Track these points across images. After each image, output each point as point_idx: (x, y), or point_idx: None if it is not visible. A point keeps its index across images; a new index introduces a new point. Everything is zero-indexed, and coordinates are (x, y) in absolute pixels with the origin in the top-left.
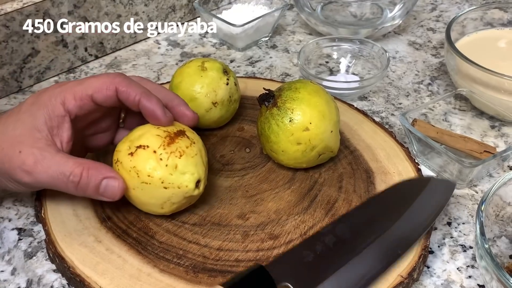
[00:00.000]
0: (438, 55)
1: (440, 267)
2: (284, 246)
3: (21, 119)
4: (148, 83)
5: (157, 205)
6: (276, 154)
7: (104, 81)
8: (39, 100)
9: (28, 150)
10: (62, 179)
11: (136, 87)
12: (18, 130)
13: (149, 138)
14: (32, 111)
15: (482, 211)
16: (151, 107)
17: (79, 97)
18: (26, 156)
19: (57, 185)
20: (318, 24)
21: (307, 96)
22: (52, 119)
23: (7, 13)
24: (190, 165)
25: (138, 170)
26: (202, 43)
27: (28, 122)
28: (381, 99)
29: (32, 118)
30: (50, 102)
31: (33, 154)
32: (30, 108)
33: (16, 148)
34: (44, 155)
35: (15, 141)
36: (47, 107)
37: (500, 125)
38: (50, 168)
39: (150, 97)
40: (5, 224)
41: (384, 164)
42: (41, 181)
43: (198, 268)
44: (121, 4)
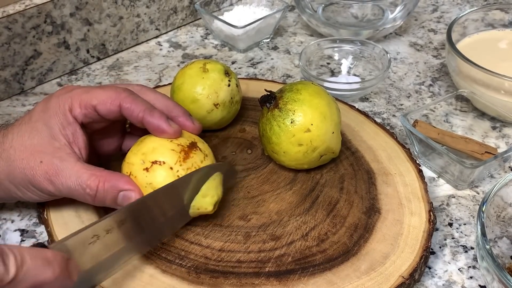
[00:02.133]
0: (439, 56)
1: (441, 268)
2: (285, 247)
3: (36, 127)
4: (149, 92)
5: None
6: (278, 155)
7: (110, 95)
8: (49, 107)
9: (49, 160)
10: (79, 191)
11: (140, 104)
12: (35, 140)
13: (164, 152)
14: (45, 119)
15: (483, 212)
16: (155, 122)
17: (84, 105)
18: (47, 166)
19: (76, 195)
20: (319, 26)
21: (308, 98)
22: (66, 128)
23: (9, 15)
24: (212, 188)
25: (155, 187)
26: (204, 45)
27: (44, 131)
28: (383, 100)
29: (47, 127)
30: (60, 109)
31: (53, 164)
32: (42, 116)
33: (37, 158)
34: (65, 165)
35: (34, 150)
36: (58, 115)
37: (501, 126)
38: (70, 179)
39: (152, 113)
40: (7, 225)
41: (386, 165)
42: (61, 191)
43: (200, 269)
44: (123, 6)
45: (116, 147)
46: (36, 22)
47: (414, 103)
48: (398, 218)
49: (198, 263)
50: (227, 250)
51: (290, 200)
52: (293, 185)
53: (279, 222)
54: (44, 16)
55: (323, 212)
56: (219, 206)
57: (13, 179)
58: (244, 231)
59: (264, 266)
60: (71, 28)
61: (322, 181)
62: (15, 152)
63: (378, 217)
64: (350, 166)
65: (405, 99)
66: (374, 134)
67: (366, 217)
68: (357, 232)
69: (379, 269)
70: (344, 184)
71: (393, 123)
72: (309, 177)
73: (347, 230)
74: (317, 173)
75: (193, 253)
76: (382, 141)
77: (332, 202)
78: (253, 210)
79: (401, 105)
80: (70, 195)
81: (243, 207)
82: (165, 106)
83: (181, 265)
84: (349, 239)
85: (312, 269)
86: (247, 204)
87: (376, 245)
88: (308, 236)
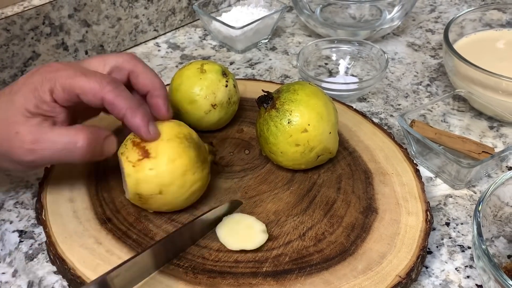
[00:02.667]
0: (437, 56)
1: (438, 267)
2: (283, 247)
3: (13, 100)
4: (139, 64)
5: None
6: (275, 156)
7: (93, 86)
8: (31, 82)
9: (25, 129)
10: (70, 149)
11: (123, 101)
12: (10, 111)
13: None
14: (24, 92)
15: (479, 212)
16: (135, 124)
17: (67, 91)
18: (24, 135)
19: (62, 157)
20: (317, 26)
21: (305, 98)
22: (42, 105)
23: (7, 16)
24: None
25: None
26: (202, 46)
27: (19, 103)
28: (380, 100)
29: (24, 99)
30: (41, 88)
31: (31, 133)
32: (21, 88)
33: (12, 129)
34: (43, 130)
35: (9, 122)
36: (38, 92)
37: (498, 125)
38: (55, 143)
39: (135, 114)
40: (6, 226)
41: (383, 165)
42: (45, 157)
43: (198, 269)
44: (121, 7)
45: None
46: (35, 24)
47: (412, 103)
48: (395, 218)
49: (195, 263)
50: (225, 250)
51: (288, 200)
52: (291, 185)
53: (277, 222)
54: (43, 18)
55: (321, 212)
56: (217, 207)
57: None
58: None
59: (261, 266)
60: (69, 29)
61: (320, 181)
62: None
63: (375, 217)
64: (347, 166)
65: (403, 99)
66: (371, 134)
67: (363, 217)
68: (354, 231)
69: (376, 269)
70: (342, 184)
71: (390, 123)
72: (306, 177)
73: (344, 230)
74: (315, 173)
75: (191, 253)
76: (379, 141)
77: (330, 202)
78: (250, 210)
79: (398, 105)
80: (53, 160)
81: (241, 207)
82: (151, 83)
83: (178, 265)
84: (346, 238)
85: (309, 268)
86: (244, 204)
87: (373, 244)
88: (306, 236)
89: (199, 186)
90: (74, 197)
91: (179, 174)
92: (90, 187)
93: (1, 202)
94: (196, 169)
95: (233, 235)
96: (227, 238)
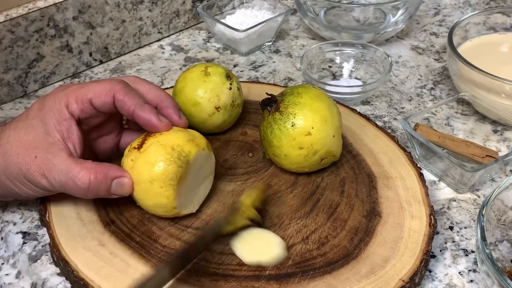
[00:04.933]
0: (441, 60)
1: (441, 271)
2: (286, 250)
3: (32, 124)
4: (142, 82)
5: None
6: (279, 159)
7: (104, 87)
8: (45, 105)
9: (42, 155)
10: (71, 185)
11: (133, 98)
12: (31, 136)
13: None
14: (41, 116)
15: (483, 216)
16: (145, 117)
17: (80, 100)
18: (41, 161)
19: (69, 190)
20: (321, 29)
21: (309, 101)
22: (60, 123)
23: (12, 18)
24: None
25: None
26: (206, 48)
27: (39, 127)
28: (384, 104)
29: (42, 123)
30: (55, 106)
31: (47, 159)
32: (38, 113)
33: (32, 153)
34: (56, 160)
35: (29, 146)
36: (53, 111)
37: (502, 129)
38: (61, 174)
39: (143, 108)
40: (9, 227)
41: (387, 169)
42: (55, 186)
43: (201, 272)
44: (126, 9)
45: (114, 145)
46: (39, 26)
47: (416, 106)
48: (398, 222)
49: (198, 266)
50: (228, 253)
51: (291, 203)
52: (294, 188)
53: (280, 225)
54: (47, 20)
55: (324, 215)
56: (220, 209)
57: (9, 174)
58: None
59: (264, 269)
60: (74, 31)
61: (323, 184)
62: (11, 147)
63: (378, 221)
64: (351, 169)
65: (407, 103)
66: (375, 138)
67: (367, 220)
68: (357, 235)
69: (379, 273)
70: (345, 188)
71: (394, 126)
72: (310, 180)
73: (347, 234)
74: (318, 176)
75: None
76: (383, 145)
77: (333, 206)
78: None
79: (402, 108)
80: (64, 190)
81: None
82: (157, 97)
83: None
84: (350, 242)
85: (312, 272)
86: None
87: (376, 248)
88: (309, 240)
89: (165, 203)
90: (78, 199)
91: (147, 179)
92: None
93: (5, 203)
94: (168, 186)
95: (250, 249)
96: (244, 251)
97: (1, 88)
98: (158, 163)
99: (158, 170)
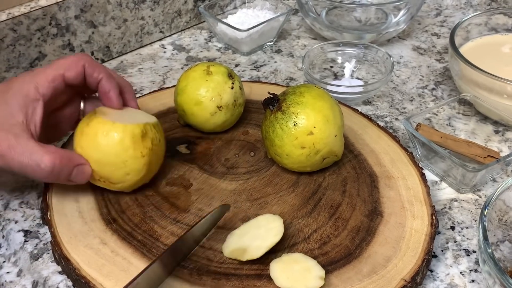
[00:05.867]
0: (443, 60)
1: (443, 271)
2: (288, 249)
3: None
4: (109, 70)
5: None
6: (281, 158)
7: (73, 59)
8: (11, 87)
9: (3, 135)
10: (33, 167)
11: (101, 67)
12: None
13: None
14: (6, 98)
15: (485, 216)
16: (108, 87)
17: (51, 78)
18: (1, 141)
19: (27, 172)
20: (323, 29)
21: (312, 100)
22: (27, 105)
23: (14, 17)
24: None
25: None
26: (207, 48)
27: (3, 108)
28: (386, 104)
29: (7, 104)
30: (23, 88)
31: (7, 139)
32: (3, 95)
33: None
34: (18, 141)
35: None
36: (20, 93)
37: (504, 130)
38: (23, 155)
39: (110, 79)
40: (11, 226)
41: (388, 169)
42: (11, 166)
43: (202, 271)
44: (127, 8)
45: (65, 134)
46: (41, 24)
47: (417, 106)
48: (400, 221)
49: (200, 265)
50: None
51: (293, 203)
52: (296, 187)
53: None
54: (49, 18)
55: (326, 215)
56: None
57: None
58: None
59: (266, 268)
60: (76, 30)
61: (325, 184)
62: None
63: (380, 220)
64: (352, 169)
65: (408, 103)
66: (377, 138)
67: (368, 220)
68: (359, 235)
69: (381, 272)
70: (347, 187)
71: (396, 126)
72: (311, 179)
73: (349, 233)
74: (320, 176)
75: (196, 255)
76: (385, 145)
77: (335, 205)
78: (255, 212)
79: (404, 108)
80: (21, 172)
81: (246, 209)
82: (122, 81)
83: (183, 266)
84: (351, 242)
85: None
86: (249, 206)
87: (378, 248)
88: (310, 239)
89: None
90: (80, 197)
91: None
92: (95, 187)
93: (7, 201)
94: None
95: (286, 273)
96: (279, 274)
97: None
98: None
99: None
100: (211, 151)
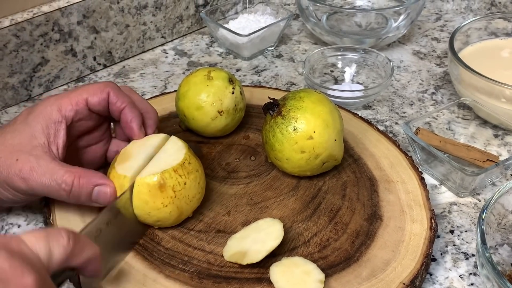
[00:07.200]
0: (442, 65)
1: (442, 275)
2: (287, 253)
3: (18, 129)
4: (134, 93)
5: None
6: (281, 162)
7: (99, 85)
8: (35, 110)
9: (25, 158)
10: (55, 187)
11: (125, 96)
12: (16, 139)
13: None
14: (28, 121)
15: (483, 219)
16: (131, 116)
17: (75, 102)
18: (22, 164)
19: (50, 192)
20: (323, 34)
21: (311, 105)
22: (49, 126)
23: (17, 23)
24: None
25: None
26: (209, 52)
27: (26, 131)
28: (385, 108)
29: (29, 127)
30: (46, 110)
31: (29, 162)
32: (26, 118)
33: (14, 156)
34: (40, 162)
35: (13, 149)
36: (43, 115)
37: (503, 134)
38: (44, 176)
39: (133, 109)
40: (14, 230)
41: (388, 173)
42: (35, 189)
43: (203, 274)
44: (129, 14)
45: (102, 155)
46: (44, 30)
47: (417, 111)
48: (399, 225)
49: (201, 268)
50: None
51: (293, 207)
52: (296, 191)
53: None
54: (52, 24)
55: (325, 218)
56: (223, 212)
57: None
58: None
59: (266, 271)
60: (78, 36)
61: (325, 188)
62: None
63: (379, 224)
64: (352, 173)
65: (408, 107)
66: (376, 142)
67: (368, 224)
68: (358, 238)
69: (380, 276)
70: (347, 191)
71: (395, 130)
72: (311, 184)
73: (348, 237)
74: (320, 180)
75: (196, 259)
76: (384, 149)
77: (334, 209)
78: (256, 216)
79: (404, 113)
80: (43, 193)
81: (246, 213)
82: (145, 107)
83: (184, 270)
84: (351, 245)
85: None
86: (250, 210)
87: (377, 251)
88: (310, 243)
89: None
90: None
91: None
92: None
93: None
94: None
95: (286, 276)
96: (279, 277)
97: (6, 92)
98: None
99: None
100: (212, 155)
